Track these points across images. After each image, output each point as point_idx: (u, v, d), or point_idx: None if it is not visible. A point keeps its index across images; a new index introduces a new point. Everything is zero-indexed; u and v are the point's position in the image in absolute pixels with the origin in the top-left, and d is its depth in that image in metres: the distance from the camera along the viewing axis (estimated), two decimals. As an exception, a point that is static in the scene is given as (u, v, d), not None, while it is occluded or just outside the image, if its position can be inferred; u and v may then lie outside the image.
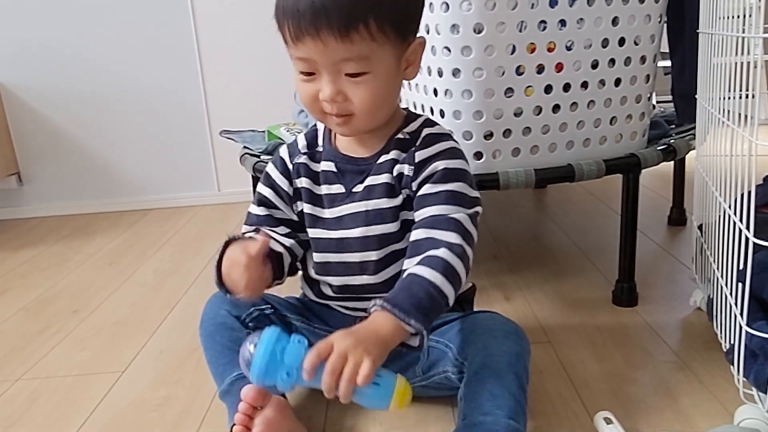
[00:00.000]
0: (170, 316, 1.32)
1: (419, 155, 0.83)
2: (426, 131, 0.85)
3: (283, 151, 0.93)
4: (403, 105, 1.29)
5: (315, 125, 0.94)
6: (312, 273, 0.94)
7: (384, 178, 0.85)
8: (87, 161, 2.23)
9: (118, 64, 2.14)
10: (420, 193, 0.83)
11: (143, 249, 1.80)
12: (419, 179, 0.82)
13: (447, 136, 0.86)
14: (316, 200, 0.90)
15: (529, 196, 2.08)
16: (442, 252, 0.76)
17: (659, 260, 1.45)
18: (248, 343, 0.71)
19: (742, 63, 0.89)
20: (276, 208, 0.93)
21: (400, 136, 0.85)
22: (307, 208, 0.91)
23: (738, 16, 0.94)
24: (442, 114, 1.12)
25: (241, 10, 2.10)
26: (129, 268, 1.64)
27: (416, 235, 0.81)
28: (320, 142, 0.91)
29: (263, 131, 1.65)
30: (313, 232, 0.92)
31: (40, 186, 2.25)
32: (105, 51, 2.13)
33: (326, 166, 0.89)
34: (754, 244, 0.74)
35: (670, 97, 1.37)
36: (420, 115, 0.89)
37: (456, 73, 1.07)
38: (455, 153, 0.84)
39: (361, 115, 0.79)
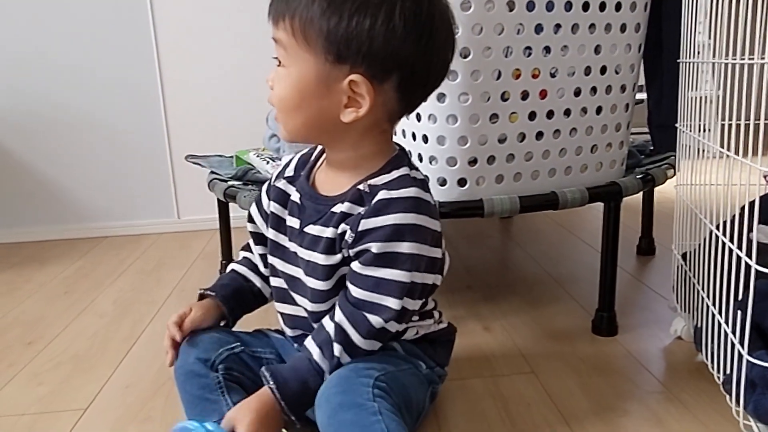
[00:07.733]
0: (134, 349, 1.25)
1: (363, 224, 0.77)
2: (381, 195, 0.77)
3: (274, 171, 0.93)
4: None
5: (313, 147, 0.92)
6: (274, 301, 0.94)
7: (329, 232, 0.81)
8: (37, 186, 2.13)
9: (74, 86, 2.07)
10: (352, 267, 0.80)
11: (100, 278, 1.72)
12: (356, 249, 0.78)
13: (402, 205, 0.77)
14: (282, 227, 0.88)
15: (496, 225, 2.08)
16: (337, 350, 0.79)
17: (633, 289, 1.45)
18: None
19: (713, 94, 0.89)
20: (258, 230, 0.95)
21: (361, 186, 0.80)
22: (271, 233, 0.90)
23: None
24: (425, 139, 1.10)
25: (205, 33, 2.06)
26: (86, 298, 1.56)
27: (335, 313, 0.80)
28: (306, 167, 0.90)
29: (231, 156, 1.61)
30: (272, 260, 0.91)
31: (-14, 211, 2.14)
32: (61, 73, 2.05)
33: (294, 196, 0.87)
34: (756, 271, 0.73)
35: (640, 128, 1.38)
36: (401, 166, 0.81)
37: (441, 97, 1.05)
38: (399, 232, 0.76)
39: (277, 110, 0.79)
